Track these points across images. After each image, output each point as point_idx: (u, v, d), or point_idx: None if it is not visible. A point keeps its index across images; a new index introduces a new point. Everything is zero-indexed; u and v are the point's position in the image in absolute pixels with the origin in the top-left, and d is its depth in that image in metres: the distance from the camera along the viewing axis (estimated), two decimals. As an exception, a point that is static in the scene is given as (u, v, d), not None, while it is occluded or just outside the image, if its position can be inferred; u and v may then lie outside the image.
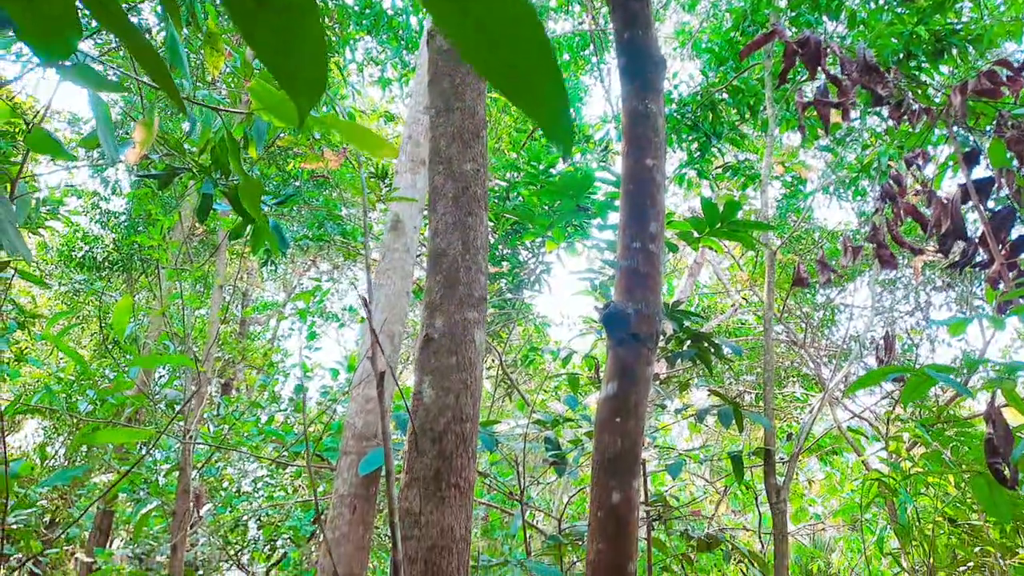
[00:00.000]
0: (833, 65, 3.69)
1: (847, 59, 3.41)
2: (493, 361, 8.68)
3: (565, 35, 10.65)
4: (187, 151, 2.36)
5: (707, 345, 3.66)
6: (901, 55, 5.60)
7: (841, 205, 10.63)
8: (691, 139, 7.48)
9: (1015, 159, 2.96)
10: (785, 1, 6.60)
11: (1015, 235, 2.99)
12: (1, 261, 2.58)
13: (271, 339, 15.60)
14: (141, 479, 6.06)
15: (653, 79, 1.81)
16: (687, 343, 3.72)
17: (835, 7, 6.11)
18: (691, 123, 7.33)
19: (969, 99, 3.20)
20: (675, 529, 4.12)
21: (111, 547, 9.56)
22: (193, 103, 2.13)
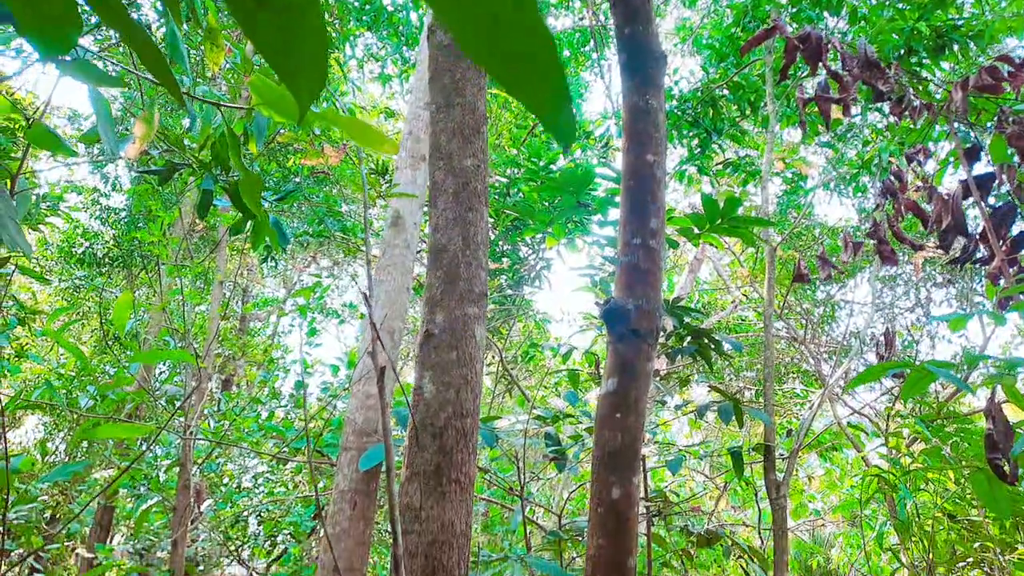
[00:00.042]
0: (834, 61, 3.68)
1: (848, 55, 3.41)
2: (493, 357, 8.69)
3: (566, 31, 10.63)
4: (187, 147, 2.36)
5: (707, 341, 3.67)
6: (902, 51, 5.58)
7: (842, 201, 10.63)
8: (692, 135, 7.48)
9: (1016, 155, 2.96)
10: (786, -3, 6.58)
11: (1016, 231, 2.99)
12: (1, 257, 2.58)
13: (271, 335, 15.61)
14: (142, 475, 6.07)
15: (654, 75, 1.80)
16: (687, 339, 3.72)
17: (836, 3, 6.09)
18: (692, 119, 7.32)
19: (970, 95, 3.20)
20: (675, 525, 4.13)
21: (112, 543, 9.57)
22: (193, 99, 2.13)
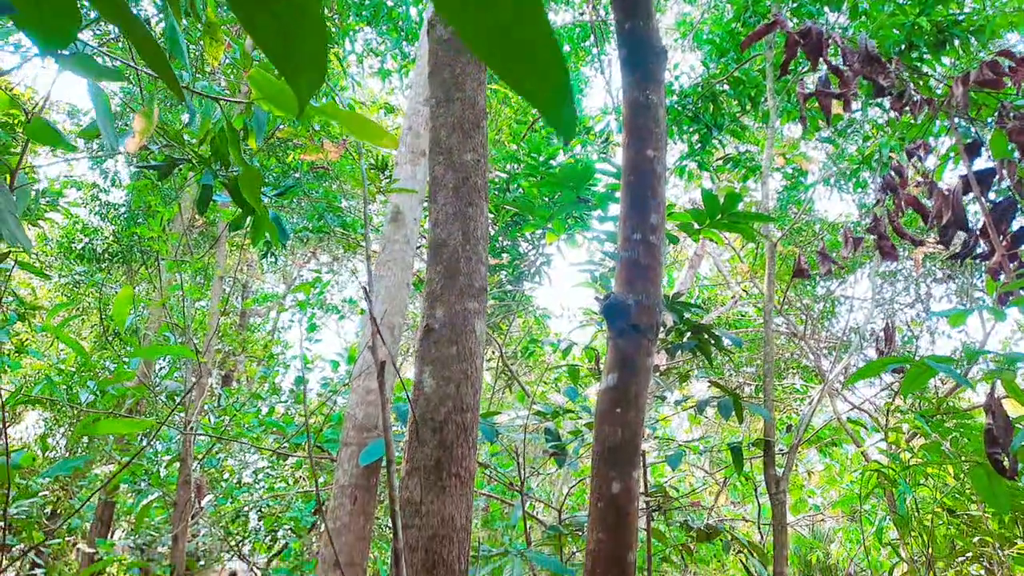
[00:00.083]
0: (835, 56, 3.67)
1: (849, 50, 3.40)
2: (493, 352, 8.69)
3: (566, 26, 10.60)
4: (187, 142, 2.35)
5: (707, 336, 3.67)
6: (903, 46, 5.57)
7: (842, 197, 10.62)
8: (692, 130, 7.46)
9: (1016, 150, 2.96)
10: (786, -9, 6.56)
11: (1016, 226, 2.98)
12: (1, 252, 2.58)
13: (271, 331, 15.62)
14: (142, 470, 6.08)
15: (654, 70, 1.80)
16: (687, 334, 3.73)
17: (837, -2, 6.08)
18: (692, 114, 7.31)
19: (971, 90, 3.19)
20: (675, 519, 4.14)
21: (112, 538, 9.59)
22: (193, 93, 2.12)
